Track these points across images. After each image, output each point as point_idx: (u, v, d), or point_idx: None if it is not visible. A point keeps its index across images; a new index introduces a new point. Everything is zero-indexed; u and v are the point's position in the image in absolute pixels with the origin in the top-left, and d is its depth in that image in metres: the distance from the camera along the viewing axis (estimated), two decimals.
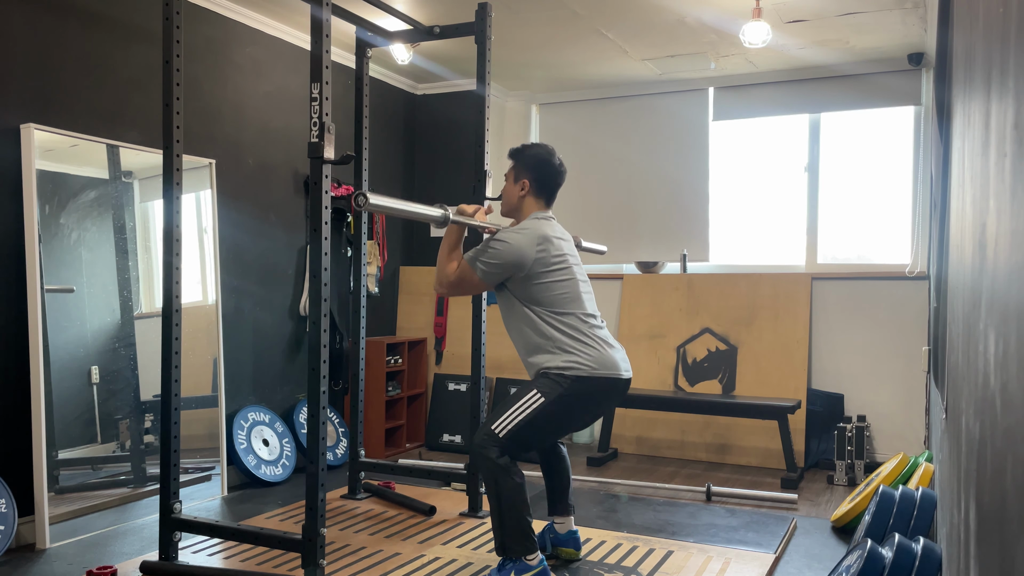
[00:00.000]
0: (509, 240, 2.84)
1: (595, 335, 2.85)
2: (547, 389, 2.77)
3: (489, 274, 2.85)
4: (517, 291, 2.88)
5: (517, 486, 2.72)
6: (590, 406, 2.88)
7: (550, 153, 3.01)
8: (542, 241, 2.86)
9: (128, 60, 3.80)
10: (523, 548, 2.71)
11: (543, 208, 3.02)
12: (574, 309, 2.86)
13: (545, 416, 2.75)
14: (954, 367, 1.77)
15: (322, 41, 2.67)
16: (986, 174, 1.08)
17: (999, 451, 0.90)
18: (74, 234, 3.52)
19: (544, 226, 2.93)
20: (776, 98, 5.32)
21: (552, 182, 3.02)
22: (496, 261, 2.83)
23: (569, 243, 3.02)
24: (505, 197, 3.06)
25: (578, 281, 2.92)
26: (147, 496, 3.71)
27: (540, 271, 2.84)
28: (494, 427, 2.75)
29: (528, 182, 2.99)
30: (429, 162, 5.92)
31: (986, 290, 1.06)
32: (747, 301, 5.16)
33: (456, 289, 2.93)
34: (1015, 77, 0.80)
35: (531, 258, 2.83)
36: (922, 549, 2.24)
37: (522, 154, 3.02)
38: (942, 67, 2.56)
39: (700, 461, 5.10)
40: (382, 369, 5.13)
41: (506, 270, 2.84)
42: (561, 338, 2.81)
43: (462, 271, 2.89)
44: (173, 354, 3.06)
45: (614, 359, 2.84)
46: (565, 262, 2.90)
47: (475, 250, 2.89)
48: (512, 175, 3.03)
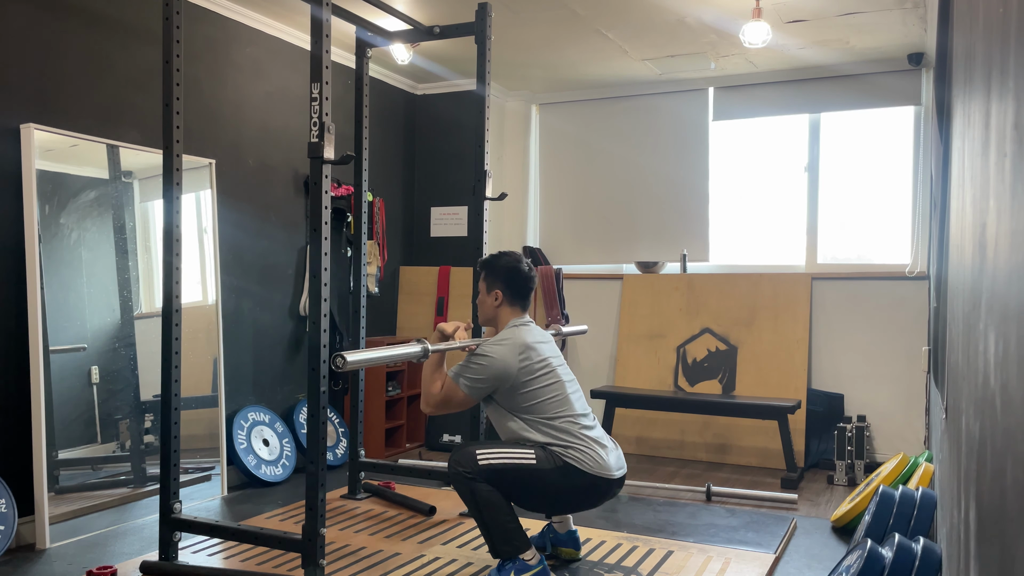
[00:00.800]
0: (492, 353, 2.85)
1: (586, 436, 2.84)
2: (542, 457, 2.76)
3: (475, 389, 2.85)
4: (505, 402, 2.88)
5: (492, 493, 2.72)
6: (574, 496, 2.86)
7: (517, 260, 3.05)
8: (524, 349, 2.87)
9: (128, 60, 3.80)
10: (514, 548, 2.72)
11: (519, 314, 3.04)
12: (564, 412, 2.86)
13: (528, 476, 2.74)
14: (954, 367, 1.77)
15: (322, 41, 2.67)
16: (986, 174, 1.08)
17: (999, 451, 0.90)
18: (74, 234, 3.52)
19: (524, 333, 2.94)
20: (776, 98, 5.32)
21: (524, 288, 3.04)
22: (481, 376, 2.84)
23: (550, 344, 3.03)
24: (481, 308, 3.09)
25: (564, 383, 2.92)
26: (147, 496, 3.71)
27: (525, 379, 2.84)
28: (478, 453, 2.75)
29: (500, 292, 3.02)
30: (429, 162, 5.92)
31: (986, 290, 1.06)
32: (747, 301, 5.16)
33: (443, 408, 2.92)
34: (1015, 77, 0.80)
35: (515, 368, 2.83)
36: (922, 549, 2.24)
37: (491, 266, 3.05)
38: (942, 67, 2.56)
39: (700, 461, 5.10)
40: (382, 369, 5.13)
41: (491, 383, 2.84)
42: (554, 443, 2.80)
43: (447, 390, 2.88)
44: (173, 354, 3.06)
45: (607, 461, 2.83)
46: (549, 366, 2.91)
47: (458, 366, 2.89)
48: (484, 286, 3.06)
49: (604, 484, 2.83)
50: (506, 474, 2.72)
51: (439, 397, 2.90)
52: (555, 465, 2.75)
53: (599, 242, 5.80)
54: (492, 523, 2.72)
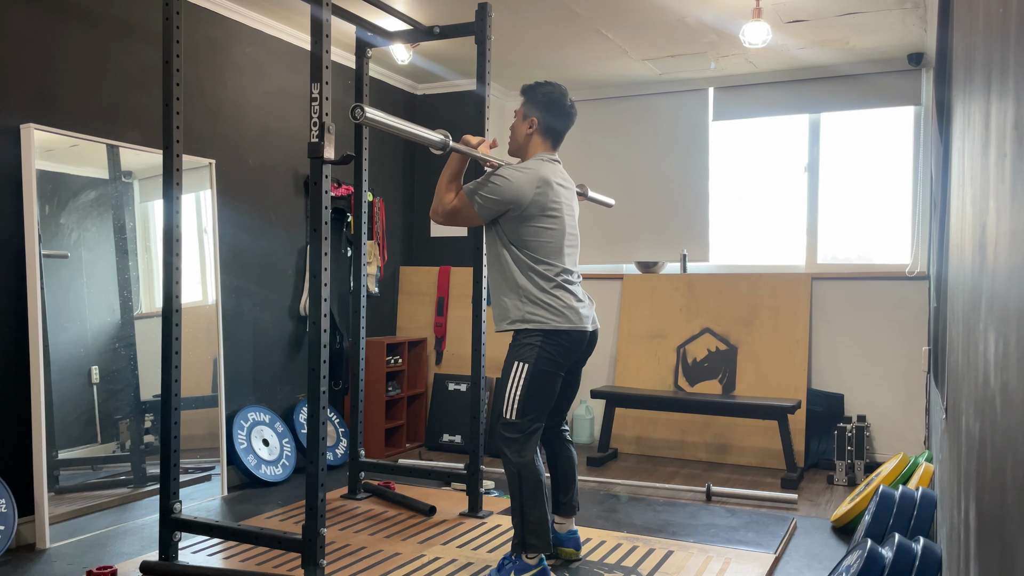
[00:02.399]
0: (510, 177, 2.84)
1: (565, 288, 2.87)
2: (524, 352, 2.82)
3: (485, 208, 2.86)
4: (506, 228, 2.89)
5: (538, 483, 2.79)
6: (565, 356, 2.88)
7: (562, 94, 2.99)
8: (542, 184, 2.86)
9: (128, 60, 3.80)
10: (543, 545, 2.77)
11: (549, 149, 3.01)
12: (552, 260, 2.88)
13: (537, 378, 2.80)
14: (954, 367, 1.77)
15: (322, 41, 2.67)
16: (986, 174, 1.08)
17: (999, 451, 0.90)
18: (74, 234, 3.52)
19: (547, 169, 2.92)
20: (776, 98, 5.31)
21: (561, 123, 3.00)
22: (494, 196, 2.83)
23: (570, 191, 3.01)
24: (512, 134, 3.05)
25: (566, 233, 2.93)
26: (147, 496, 3.71)
27: (534, 213, 2.85)
28: (503, 414, 2.83)
29: (536, 120, 2.97)
30: (429, 162, 5.92)
31: (986, 290, 1.06)
32: (747, 301, 5.16)
33: (451, 219, 2.93)
34: (1015, 77, 0.80)
35: (528, 198, 2.83)
36: (922, 549, 2.24)
37: (534, 91, 2.99)
38: (942, 67, 2.56)
39: (700, 461, 5.10)
40: (382, 369, 5.13)
41: (502, 206, 2.85)
42: (530, 288, 2.84)
43: (460, 201, 2.89)
44: (173, 354, 3.06)
45: (581, 314, 2.86)
46: (559, 210, 2.90)
47: (475, 183, 2.89)
48: (521, 112, 3.02)
49: (576, 337, 2.86)
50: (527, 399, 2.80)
51: (450, 207, 2.90)
52: (537, 346, 2.80)
53: (599, 242, 5.80)
54: (531, 514, 2.78)
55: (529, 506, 2.77)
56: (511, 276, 2.87)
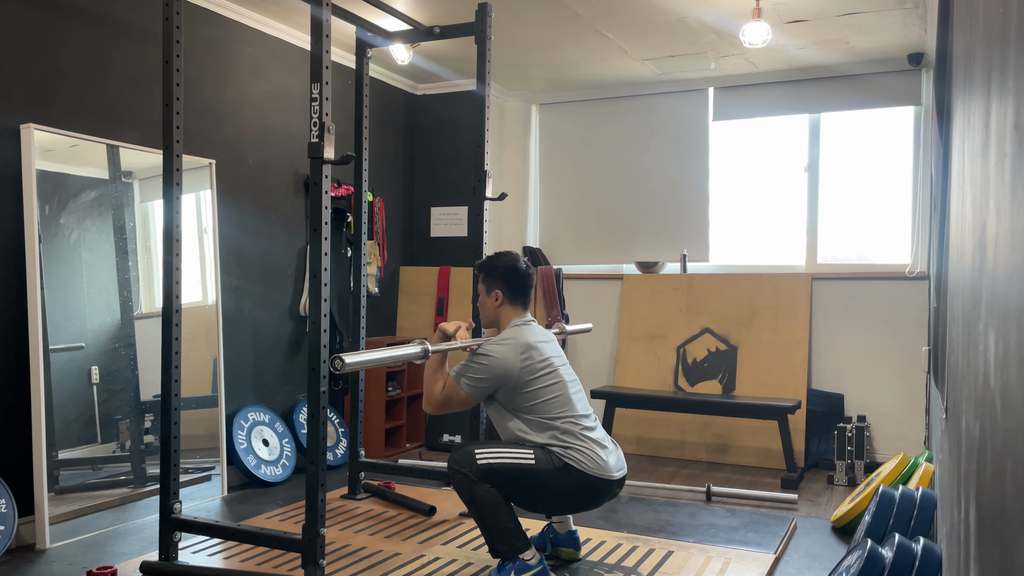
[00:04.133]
0: (493, 353, 2.84)
1: (587, 437, 2.83)
2: (541, 458, 2.76)
3: (477, 389, 2.85)
4: (506, 402, 2.88)
5: (491, 493, 2.72)
6: (573, 497, 2.85)
7: (515, 260, 3.05)
8: (526, 349, 2.86)
9: (128, 60, 3.80)
10: (513, 548, 2.72)
11: (520, 313, 3.03)
12: (566, 413, 2.85)
13: (525, 478, 2.73)
14: (954, 367, 1.77)
15: (322, 41, 2.67)
16: (986, 174, 1.08)
17: (999, 451, 0.90)
18: (74, 234, 3.52)
19: (526, 332, 2.93)
20: (776, 98, 5.31)
21: (524, 286, 3.04)
22: (482, 375, 2.83)
23: (552, 344, 3.03)
24: (482, 310, 3.08)
25: (566, 383, 2.92)
26: (147, 496, 3.71)
27: (527, 379, 2.84)
28: (477, 453, 2.75)
29: (500, 293, 3.01)
30: (429, 162, 5.92)
31: (986, 290, 1.06)
32: (747, 301, 5.16)
33: (445, 408, 2.91)
34: (1015, 77, 0.80)
35: (517, 367, 2.83)
36: (922, 549, 2.24)
37: (490, 267, 3.05)
38: (942, 67, 2.56)
39: (700, 461, 5.10)
40: (382, 369, 5.13)
41: (493, 383, 2.84)
42: (553, 443, 2.79)
43: (449, 389, 2.88)
44: (173, 354, 3.06)
45: (607, 463, 2.82)
46: (551, 366, 2.90)
47: (460, 366, 2.89)
48: (484, 288, 3.06)
49: (603, 485, 2.82)
50: (505, 474, 2.72)
51: (441, 397, 2.89)
52: (554, 466, 2.75)
53: (599, 242, 5.80)
54: (491, 523, 2.72)
55: (488, 517, 2.72)
56: (529, 440, 2.82)
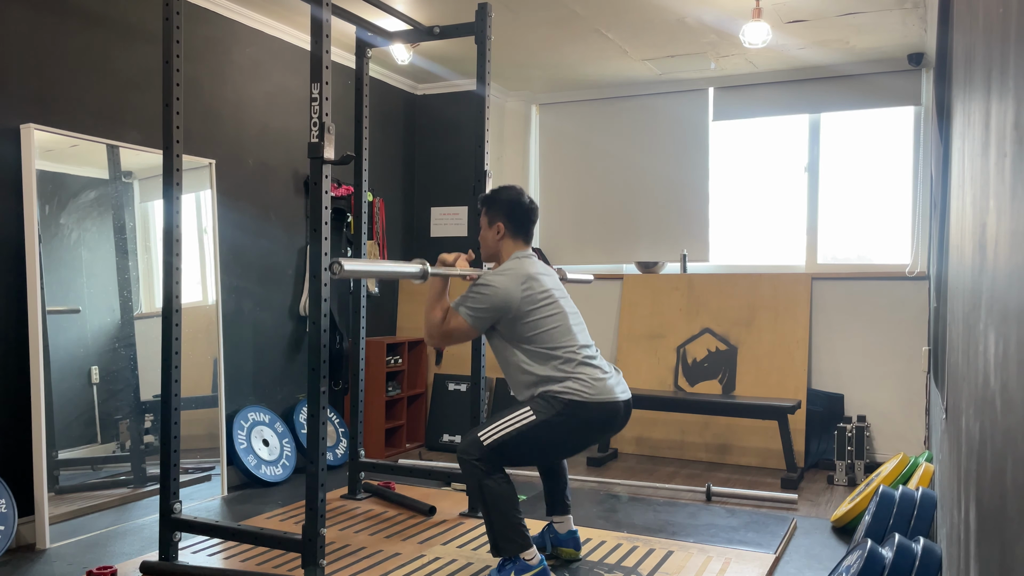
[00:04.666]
0: (494, 283, 2.85)
1: (590, 364, 2.84)
2: (540, 409, 2.76)
3: (478, 319, 2.85)
4: (507, 333, 2.88)
5: (500, 486, 2.72)
6: (585, 432, 2.85)
7: (520, 194, 3.05)
8: (526, 280, 2.87)
9: (128, 60, 3.80)
10: (516, 546, 2.71)
11: (522, 247, 3.04)
12: (567, 343, 2.85)
13: (532, 435, 2.74)
14: (954, 367, 1.77)
15: (322, 41, 2.68)
16: (986, 174, 1.08)
17: (999, 451, 0.90)
18: (74, 234, 3.52)
19: (527, 264, 2.94)
20: (776, 98, 5.32)
21: (526, 221, 3.04)
22: (483, 306, 2.83)
23: (553, 277, 3.03)
24: (483, 243, 3.09)
25: (567, 314, 2.92)
26: (147, 496, 3.71)
27: (528, 309, 2.84)
28: (481, 435, 2.75)
29: (502, 225, 3.02)
30: (429, 162, 5.92)
31: (986, 290, 1.06)
32: (747, 301, 5.16)
33: (447, 339, 2.92)
34: (1015, 77, 0.80)
35: (518, 297, 2.83)
36: (922, 549, 2.24)
37: (493, 200, 3.06)
38: (942, 67, 2.56)
39: (700, 461, 5.10)
40: (382, 369, 5.13)
41: (494, 312, 2.84)
42: (554, 374, 2.80)
43: (450, 320, 2.88)
44: (173, 354, 3.06)
45: (609, 385, 2.82)
46: (551, 297, 2.90)
47: (461, 297, 2.89)
48: (486, 221, 3.06)
49: (610, 408, 2.81)
50: (513, 443, 2.72)
51: (442, 328, 2.89)
52: (556, 410, 2.74)
53: (599, 242, 5.80)
54: (497, 519, 2.72)
55: (495, 513, 2.72)
56: (530, 371, 2.83)
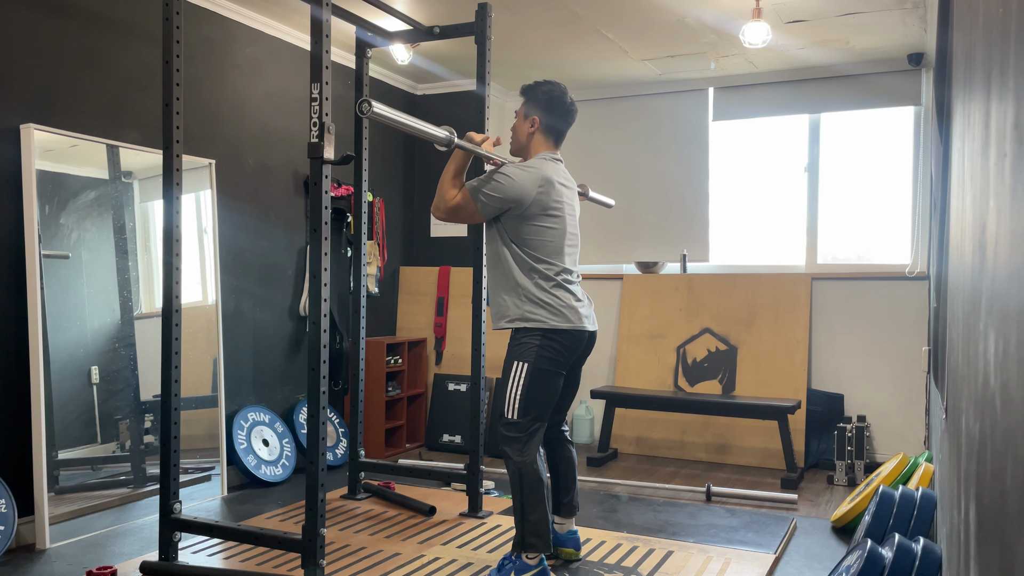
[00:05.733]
0: (513, 175, 2.84)
1: (565, 288, 2.88)
2: (523, 352, 2.83)
3: (488, 206, 2.86)
4: (507, 226, 2.89)
5: (539, 483, 2.80)
6: (565, 355, 2.89)
7: (563, 92, 3.01)
8: (545, 183, 2.87)
9: (128, 60, 3.80)
10: (543, 544, 2.79)
11: (552, 148, 3.02)
12: (553, 260, 2.89)
13: (537, 377, 2.81)
14: (954, 367, 1.77)
15: (322, 41, 2.67)
16: (986, 174, 1.08)
17: (999, 451, 0.90)
18: (74, 234, 3.52)
19: (550, 168, 2.93)
20: (776, 98, 5.32)
21: (562, 121, 3.01)
22: (496, 194, 2.84)
23: (572, 191, 3.03)
24: (514, 134, 3.06)
25: (567, 233, 2.94)
26: (147, 496, 3.71)
27: (535, 212, 2.85)
28: (505, 413, 2.85)
29: (538, 119, 2.98)
30: (429, 162, 5.92)
31: (986, 290, 1.06)
32: (747, 301, 5.16)
33: (453, 215, 2.93)
34: (1015, 77, 0.80)
35: (531, 197, 2.84)
36: (922, 549, 2.24)
37: (534, 91, 3.01)
38: (942, 67, 2.56)
39: (700, 461, 5.10)
40: (382, 369, 5.13)
41: (504, 204, 2.85)
42: (530, 287, 2.84)
43: (462, 198, 2.89)
44: (173, 354, 3.06)
45: (578, 313, 2.87)
46: (561, 210, 2.91)
47: (478, 180, 2.89)
48: (522, 112, 3.03)
49: (576, 336, 2.88)
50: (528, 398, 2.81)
51: (452, 203, 2.91)
52: (537, 343, 2.81)
53: (599, 242, 5.80)
54: (531, 513, 2.79)
55: (530, 506, 2.79)
56: (511, 274, 2.88)
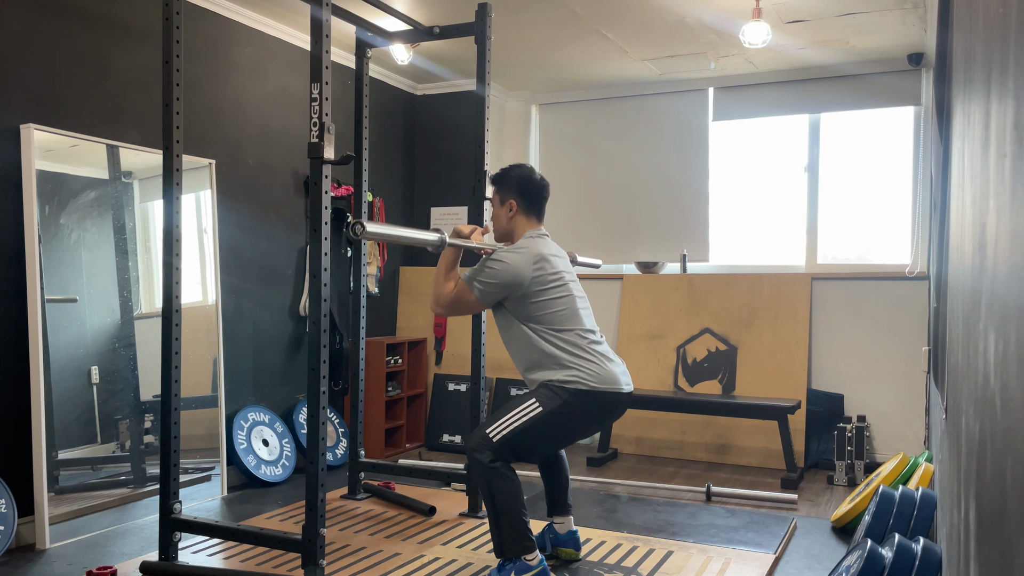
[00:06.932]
0: (506, 260, 2.85)
1: (594, 350, 2.84)
2: (546, 400, 2.77)
3: (487, 294, 2.85)
4: (515, 310, 2.88)
5: (511, 487, 2.73)
6: (588, 421, 2.87)
7: (530, 171, 3.05)
8: (538, 260, 2.87)
9: (128, 60, 3.80)
10: (521, 548, 2.71)
11: (535, 225, 3.04)
12: (573, 326, 2.86)
13: (541, 426, 2.75)
14: (954, 367, 1.77)
15: (322, 41, 2.67)
16: (986, 174, 1.08)
17: (999, 451, 0.90)
18: (74, 234, 3.52)
19: (540, 244, 2.94)
20: (776, 98, 5.32)
21: (538, 197, 3.04)
22: (494, 281, 2.83)
23: (564, 260, 3.03)
24: (496, 222, 3.07)
25: (575, 297, 2.93)
26: (147, 496, 3.71)
27: (537, 289, 2.84)
28: (489, 431, 2.76)
29: (515, 203, 3.01)
30: (429, 162, 5.92)
31: (986, 290, 1.06)
32: (747, 301, 5.16)
33: (453, 309, 2.92)
34: (1015, 77, 0.80)
35: (528, 277, 2.83)
36: (922, 549, 2.24)
37: (504, 177, 3.05)
38: (942, 67, 2.56)
39: (700, 461, 5.10)
40: (382, 369, 5.13)
41: (504, 289, 2.84)
42: (560, 355, 2.80)
43: (459, 291, 2.89)
44: (173, 354, 3.06)
45: (614, 374, 2.83)
46: (561, 279, 2.91)
47: (472, 270, 2.89)
48: (497, 199, 3.05)
49: (613, 398, 2.82)
50: (523, 436, 2.74)
51: (450, 298, 2.90)
52: (562, 400, 2.75)
53: (599, 242, 5.80)
54: (504, 520, 2.72)
55: (502, 511, 2.72)
56: (537, 347, 2.83)
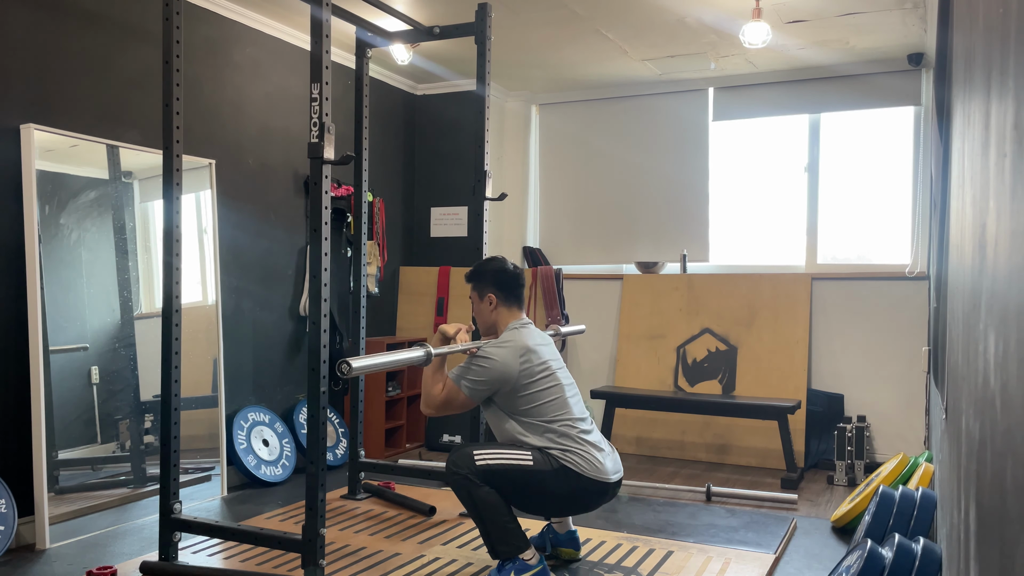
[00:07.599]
0: (493, 355, 2.85)
1: (584, 440, 2.84)
2: (539, 459, 2.76)
3: (476, 392, 2.85)
4: (504, 404, 2.88)
5: (490, 495, 2.72)
6: (572, 499, 2.86)
7: (503, 262, 3.07)
8: (524, 352, 2.87)
9: (128, 60, 3.80)
10: (513, 548, 2.72)
11: (517, 314, 3.04)
12: (563, 416, 2.86)
13: (525, 478, 2.74)
14: (954, 367, 1.77)
15: (322, 41, 2.67)
16: (986, 174, 1.08)
17: (999, 451, 0.90)
18: (74, 234, 3.52)
19: (524, 335, 2.94)
20: (776, 98, 5.31)
21: (515, 287, 3.05)
22: (482, 378, 2.84)
23: (550, 347, 3.04)
24: (478, 317, 3.08)
25: (563, 386, 2.93)
26: (147, 496, 3.71)
27: (525, 382, 2.85)
28: (475, 453, 2.76)
29: (494, 296, 3.02)
30: (429, 162, 5.92)
31: (986, 290, 1.06)
32: (747, 301, 5.16)
33: (445, 409, 2.92)
34: (1015, 77, 0.80)
35: (516, 371, 2.83)
36: (922, 549, 2.24)
37: (480, 273, 3.06)
38: (942, 67, 2.56)
39: (700, 461, 5.10)
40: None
41: (492, 386, 2.84)
42: (550, 445, 2.80)
43: (449, 391, 2.88)
44: (173, 354, 3.06)
45: (604, 465, 2.83)
46: (548, 369, 2.91)
47: (460, 368, 2.89)
48: (476, 295, 3.06)
49: (600, 488, 2.83)
50: (504, 475, 2.73)
51: (440, 399, 2.90)
52: (552, 468, 2.76)
53: (599, 242, 5.80)
54: (491, 524, 2.72)
55: (488, 519, 2.72)
56: (527, 441, 2.83)
